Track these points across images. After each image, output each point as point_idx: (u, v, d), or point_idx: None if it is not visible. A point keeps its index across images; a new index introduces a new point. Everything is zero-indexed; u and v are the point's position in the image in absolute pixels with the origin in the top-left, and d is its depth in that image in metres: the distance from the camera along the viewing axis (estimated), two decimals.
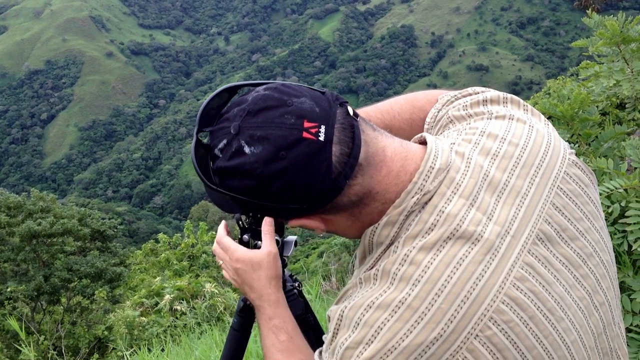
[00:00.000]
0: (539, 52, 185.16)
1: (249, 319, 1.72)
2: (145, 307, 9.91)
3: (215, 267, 14.49)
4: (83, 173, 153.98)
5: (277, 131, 1.08)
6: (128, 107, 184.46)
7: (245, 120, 1.12)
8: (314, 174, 1.08)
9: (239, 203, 1.18)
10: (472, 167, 1.16)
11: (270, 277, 1.43)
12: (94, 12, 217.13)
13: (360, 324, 1.07)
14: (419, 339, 1.03)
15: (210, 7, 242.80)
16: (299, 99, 1.12)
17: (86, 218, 14.47)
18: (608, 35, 3.10)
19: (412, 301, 1.05)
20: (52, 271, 12.37)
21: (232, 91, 1.25)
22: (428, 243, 1.08)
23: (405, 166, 1.16)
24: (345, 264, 10.99)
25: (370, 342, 1.05)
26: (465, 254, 1.07)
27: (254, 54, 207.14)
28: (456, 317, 1.04)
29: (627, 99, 3.42)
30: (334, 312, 1.15)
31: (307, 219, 1.19)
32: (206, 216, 40.78)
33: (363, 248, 1.21)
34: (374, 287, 1.11)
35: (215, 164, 1.15)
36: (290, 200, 1.12)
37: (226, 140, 1.13)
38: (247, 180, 1.11)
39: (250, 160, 1.09)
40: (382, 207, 1.16)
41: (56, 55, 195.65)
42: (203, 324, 7.38)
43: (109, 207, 77.26)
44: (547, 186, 1.18)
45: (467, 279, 1.05)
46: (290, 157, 1.07)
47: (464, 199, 1.12)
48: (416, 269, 1.07)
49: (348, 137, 1.11)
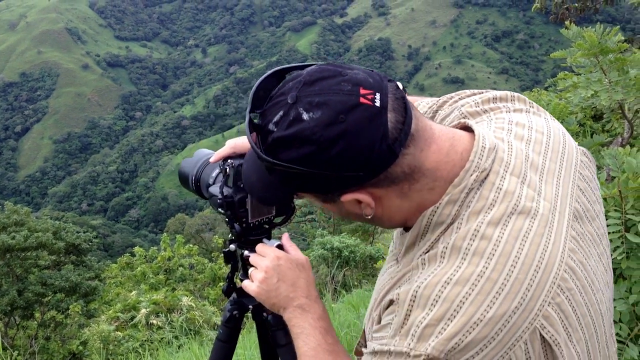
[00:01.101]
0: (513, 65, 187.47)
1: (235, 330, 1.73)
2: (121, 321, 9.78)
3: (192, 281, 14.36)
4: (57, 186, 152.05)
5: (335, 97, 1.10)
6: (104, 120, 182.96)
7: (302, 90, 1.13)
8: (371, 137, 1.09)
9: (293, 180, 1.17)
10: (515, 149, 1.23)
11: (313, 280, 1.46)
12: (70, 24, 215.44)
13: (439, 301, 1.07)
14: (502, 309, 1.06)
15: (187, 19, 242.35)
16: (352, 71, 1.15)
17: (61, 231, 14.28)
18: (586, 47, 3.12)
19: (491, 274, 1.07)
20: (26, 285, 12.16)
21: (281, 76, 1.25)
22: (494, 218, 1.13)
23: (454, 145, 1.19)
24: (322, 276, 10.94)
25: (452, 317, 1.06)
26: (529, 228, 1.12)
27: (232, 66, 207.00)
28: (532, 285, 1.08)
29: (605, 110, 3.45)
30: (404, 293, 1.14)
31: (360, 193, 1.17)
32: (183, 229, 40.43)
33: (417, 231, 1.21)
34: (443, 264, 1.12)
35: (271, 137, 1.15)
36: (348, 165, 1.11)
37: (282, 111, 1.14)
38: (306, 146, 1.11)
39: (310, 125, 1.10)
40: (432, 185, 1.17)
41: (31, 68, 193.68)
42: (181, 337, 7.28)
43: (83, 221, 76.27)
44: (572, 170, 1.27)
45: (535, 251, 1.10)
46: (349, 121, 1.09)
47: (515, 177, 1.18)
48: (488, 243, 1.10)
49: (401, 107, 1.14)
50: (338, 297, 7.87)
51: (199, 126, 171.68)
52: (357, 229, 24.36)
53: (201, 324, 8.44)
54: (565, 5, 14.34)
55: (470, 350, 1.06)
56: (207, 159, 1.68)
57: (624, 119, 3.77)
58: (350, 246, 12.19)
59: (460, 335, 1.05)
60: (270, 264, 1.46)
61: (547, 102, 3.81)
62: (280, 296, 1.43)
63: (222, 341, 1.73)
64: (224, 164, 1.52)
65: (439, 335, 1.06)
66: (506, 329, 1.06)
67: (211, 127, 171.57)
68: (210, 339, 6.96)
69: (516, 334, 1.07)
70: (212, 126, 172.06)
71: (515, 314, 1.07)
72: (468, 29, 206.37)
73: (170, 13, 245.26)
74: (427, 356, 1.07)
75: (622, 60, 3.16)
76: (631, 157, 2.43)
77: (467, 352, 1.06)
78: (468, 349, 1.06)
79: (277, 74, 1.25)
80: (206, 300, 12.06)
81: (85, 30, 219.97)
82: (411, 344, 1.09)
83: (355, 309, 5.89)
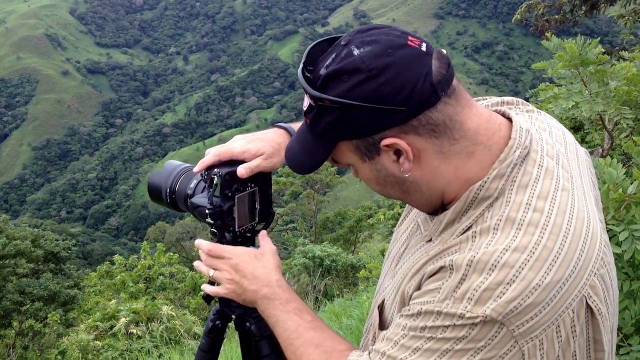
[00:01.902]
0: (493, 76, 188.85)
1: (218, 340, 1.72)
2: (100, 330, 9.68)
3: (172, 289, 14.27)
4: (36, 193, 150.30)
5: (385, 37, 1.18)
6: (84, 127, 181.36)
7: (355, 35, 1.21)
8: (417, 73, 1.14)
9: (337, 125, 1.19)
10: (543, 136, 1.30)
11: (276, 265, 1.47)
12: (50, 30, 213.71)
13: (498, 266, 1.09)
14: (558, 275, 1.10)
15: (169, 26, 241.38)
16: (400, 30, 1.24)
17: (39, 239, 14.17)
18: (567, 58, 3.15)
19: (547, 242, 1.11)
20: (4, 294, 12.04)
21: (333, 42, 1.28)
22: (543, 192, 1.17)
23: (492, 116, 1.26)
24: (304, 285, 10.91)
25: (512, 281, 1.08)
26: (573, 202, 1.18)
27: (213, 74, 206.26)
28: (582, 255, 1.13)
29: (585, 121, 3.49)
30: (459, 260, 1.14)
31: (400, 139, 1.18)
32: (163, 237, 40.19)
33: (462, 206, 1.22)
34: (498, 235, 1.14)
35: (322, 75, 1.18)
36: (393, 97, 1.13)
37: (335, 53, 1.19)
38: (355, 76, 1.15)
39: (360, 56, 1.15)
40: (471, 148, 1.21)
41: (10, 74, 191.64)
42: (161, 347, 7.23)
43: (62, 228, 75.48)
44: (584, 161, 1.35)
45: (582, 224, 1.16)
46: (396, 56, 1.14)
47: (550, 157, 1.24)
48: (541, 215, 1.14)
49: (444, 61, 1.19)
50: (320, 306, 7.86)
51: (180, 134, 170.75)
52: (339, 237, 24.37)
53: (182, 333, 8.39)
54: (545, 17, 14.53)
55: (526, 314, 1.08)
56: (180, 171, 1.66)
57: (604, 130, 3.81)
58: (332, 255, 12.21)
59: (519, 299, 1.07)
60: (227, 262, 1.46)
61: None
62: (247, 292, 1.44)
63: (204, 351, 1.71)
64: (209, 173, 1.50)
65: (498, 298, 1.07)
66: (560, 295, 1.10)
67: (192, 134, 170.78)
68: (191, 348, 6.91)
69: (567, 301, 1.11)
70: (193, 134, 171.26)
71: (569, 281, 1.10)
72: (448, 40, 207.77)
73: (151, 20, 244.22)
74: (484, 318, 1.08)
75: (603, 72, 3.20)
76: (612, 168, 2.45)
77: (523, 316, 1.08)
78: (524, 313, 1.08)
79: (333, 40, 1.28)
80: (186, 309, 11.99)
81: (65, 36, 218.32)
82: (467, 307, 1.09)
83: (338, 318, 5.89)
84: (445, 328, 1.11)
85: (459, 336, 1.10)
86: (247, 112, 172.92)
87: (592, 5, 13.74)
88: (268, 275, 1.44)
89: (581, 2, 13.86)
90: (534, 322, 1.09)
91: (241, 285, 1.45)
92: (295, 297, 1.43)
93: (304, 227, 27.60)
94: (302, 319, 1.38)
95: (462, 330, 1.10)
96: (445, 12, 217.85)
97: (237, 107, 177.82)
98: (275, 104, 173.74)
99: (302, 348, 1.34)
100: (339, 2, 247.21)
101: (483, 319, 1.08)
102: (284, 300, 1.41)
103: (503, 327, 1.08)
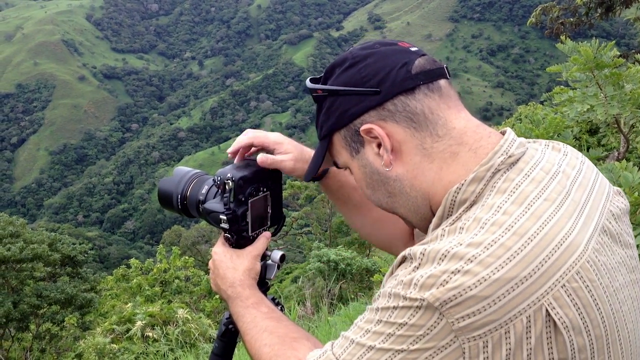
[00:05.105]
0: (509, 79, 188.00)
1: (231, 344, 1.72)
2: (116, 333, 9.73)
3: (188, 293, 14.33)
4: (53, 197, 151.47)
5: (379, 40, 1.30)
6: (100, 131, 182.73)
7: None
8: (395, 60, 1.22)
9: (327, 115, 1.28)
10: (549, 155, 1.25)
11: (246, 268, 1.51)
12: (67, 35, 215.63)
13: (448, 257, 1.06)
14: (510, 274, 1.03)
15: (184, 31, 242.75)
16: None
17: (56, 243, 14.26)
18: (582, 61, 3.15)
19: (506, 241, 1.06)
20: (21, 297, 12.14)
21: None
22: (519, 198, 1.12)
23: (483, 126, 1.25)
24: (319, 289, 10.91)
25: (457, 271, 1.04)
26: (554, 212, 1.11)
27: (228, 79, 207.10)
28: (547, 262, 1.05)
29: (601, 124, 3.48)
30: (416, 249, 1.12)
31: (376, 125, 1.22)
32: (179, 241, 40.32)
33: (442, 211, 1.20)
34: (462, 234, 1.10)
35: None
36: (368, 81, 1.21)
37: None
38: (342, 65, 1.27)
39: (350, 50, 1.29)
40: (456, 148, 1.20)
41: (27, 79, 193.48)
42: (177, 350, 7.26)
43: (79, 232, 75.97)
44: (604, 196, 1.27)
45: (558, 231, 1.09)
46: (381, 49, 1.25)
47: (544, 172, 1.18)
48: (509, 217, 1.09)
49: (432, 62, 1.25)
50: (335, 310, 7.86)
51: (195, 138, 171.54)
52: (354, 241, 24.35)
53: (197, 336, 8.41)
54: (560, 20, 14.46)
55: (467, 307, 1.03)
56: (191, 176, 1.66)
57: (620, 133, 3.79)
58: (347, 259, 12.18)
59: (460, 289, 1.03)
60: (212, 261, 1.55)
61: (543, 116, 3.84)
62: (220, 291, 1.54)
63: (217, 355, 1.71)
64: (221, 178, 1.51)
65: (440, 286, 1.04)
66: (510, 296, 1.03)
67: (207, 139, 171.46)
68: (206, 352, 6.94)
69: (520, 305, 1.04)
70: (208, 138, 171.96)
71: (523, 284, 1.04)
72: (464, 43, 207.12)
73: (167, 25, 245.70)
74: (422, 301, 1.05)
75: (618, 75, 3.18)
76: (627, 172, 2.44)
77: (464, 309, 1.03)
78: (466, 305, 1.03)
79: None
80: (202, 312, 12.03)
81: (81, 42, 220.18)
82: (412, 291, 1.07)
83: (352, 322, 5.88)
84: (393, 311, 1.10)
85: (401, 322, 1.08)
86: (262, 116, 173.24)
87: (607, 8, 13.64)
88: (234, 276, 1.50)
89: (596, 5, 13.78)
90: (476, 319, 1.03)
91: (216, 284, 1.54)
92: (256, 294, 1.48)
93: (318, 231, 27.58)
94: (259, 311, 1.43)
95: (404, 315, 1.08)
96: (460, 15, 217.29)
97: (252, 111, 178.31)
98: (290, 108, 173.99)
99: (257, 335, 1.39)
100: (353, 6, 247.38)
101: (421, 303, 1.05)
102: (244, 297, 1.46)
103: (442, 318, 1.04)
